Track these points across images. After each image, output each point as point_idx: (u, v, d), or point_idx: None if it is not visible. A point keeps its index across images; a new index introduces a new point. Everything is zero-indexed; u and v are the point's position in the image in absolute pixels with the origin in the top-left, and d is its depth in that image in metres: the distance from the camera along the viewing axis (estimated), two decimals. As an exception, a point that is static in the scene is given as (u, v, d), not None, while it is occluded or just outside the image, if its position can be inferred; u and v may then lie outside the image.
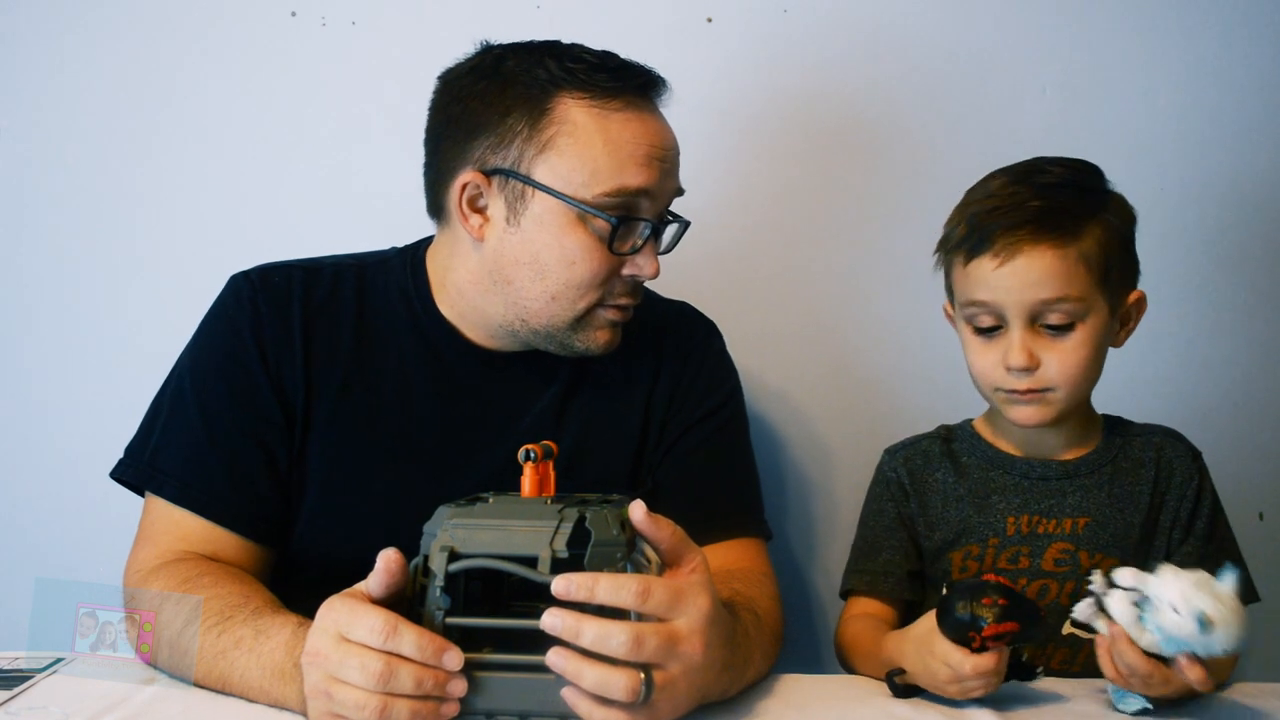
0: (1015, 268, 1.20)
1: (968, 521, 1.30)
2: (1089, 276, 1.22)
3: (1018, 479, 1.31)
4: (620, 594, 0.89)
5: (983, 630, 1.01)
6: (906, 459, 1.35)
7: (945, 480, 1.33)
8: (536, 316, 1.23)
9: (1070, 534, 1.28)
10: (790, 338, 1.72)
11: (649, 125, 1.22)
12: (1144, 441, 1.33)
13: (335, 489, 1.25)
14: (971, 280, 1.23)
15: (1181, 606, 0.99)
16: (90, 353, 1.69)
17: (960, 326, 1.28)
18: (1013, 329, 1.22)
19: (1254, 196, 1.72)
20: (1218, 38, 1.70)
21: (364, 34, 1.68)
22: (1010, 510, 1.30)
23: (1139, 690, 1.04)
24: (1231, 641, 0.99)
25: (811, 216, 1.71)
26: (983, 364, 1.25)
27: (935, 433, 1.38)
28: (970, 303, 1.24)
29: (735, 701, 1.06)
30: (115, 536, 1.26)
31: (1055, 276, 1.20)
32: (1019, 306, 1.21)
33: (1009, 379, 1.23)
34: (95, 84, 1.68)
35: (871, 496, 1.38)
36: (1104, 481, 1.30)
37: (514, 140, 1.19)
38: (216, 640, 1.04)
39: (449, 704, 0.90)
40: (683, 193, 1.27)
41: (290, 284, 1.28)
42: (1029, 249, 1.20)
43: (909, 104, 1.70)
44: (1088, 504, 1.29)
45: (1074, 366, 1.23)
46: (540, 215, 1.20)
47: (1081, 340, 1.23)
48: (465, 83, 1.24)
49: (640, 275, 1.24)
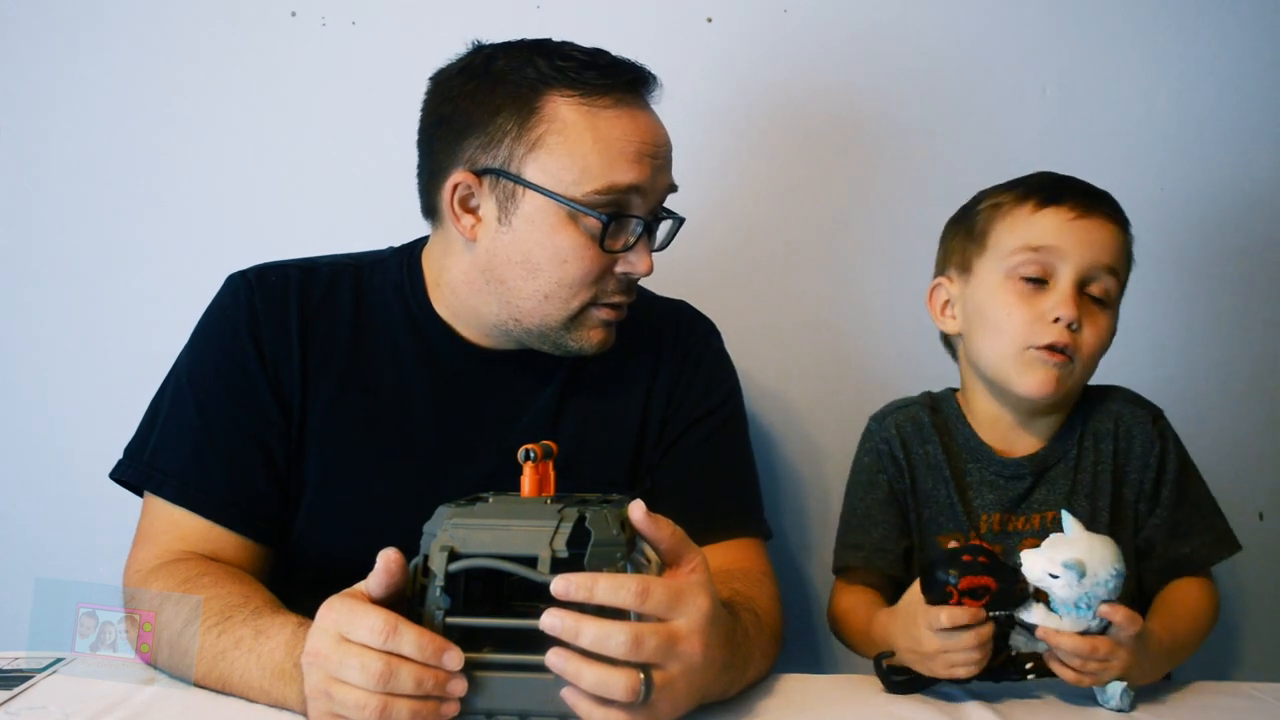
0: (1090, 224, 1.24)
1: (953, 506, 1.30)
2: (1126, 267, 1.28)
3: (992, 476, 1.31)
4: (619, 594, 0.89)
5: (959, 584, 1.03)
6: (898, 426, 1.34)
7: (935, 456, 1.32)
8: (530, 316, 1.23)
9: (1040, 529, 1.28)
10: (789, 337, 1.72)
11: (639, 122, 1.21)
12: (1103, 414, 1.32)
13: (332, 488, 1.25)
14: (1040, 226, 1.24)
15: (1056, 570, 1.02)
16: (90, 353, 1.69)
17: (989, 285, 1.27)
18: (1063, 283, 1.23)
19: (1254, 196, 1.72)
20: (1217, 38, 1.70)
21: (364, 34, 1.68)
22: (984, 508, 1.30)
23: (1110, 672, 1.04)
24: (1111, 565, 1.03)
25: (811, 216, 1.71)
26: (1020, 318, 1.24)
27: (921, 399, 1.37)
28: (1027, 248, 1.24)
29: (735, 701, 1.06)
30: (115, 537, 1.26)
31: (1115, 247, 1.25)
32: (1080, 262, 1.23)
33: (1049, 332, 1.23)
34: (95, 84, 1.68)
35: (861, 467, 1.37)
36: (1069, 470, 1.30)
37: (504, 139, 1.19)
38: (216, 640, 1.04)
39: (449, 704, 0.90)
40: (676, 189, 1.27)
41: (287, 284, 1.28)
42: (1100, 216, 1.25)
43: (909, 104, 1.70)
44: (1053, 497, 1.29)
45: (1101, 342, 1.26)
46: (531, 214, 1.20)
47: (1108, 324, 1.27)
48: (455, 83, 1.24)
49: (633, 273, 1.23)
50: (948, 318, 1.33)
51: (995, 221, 1.28)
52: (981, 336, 1.28)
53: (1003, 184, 1.32)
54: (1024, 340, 1.24)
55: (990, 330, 1.27)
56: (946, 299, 1.33)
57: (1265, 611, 1.72)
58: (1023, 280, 1.24)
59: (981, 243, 1.28)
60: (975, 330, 1.29)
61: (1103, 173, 1.68)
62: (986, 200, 1.31)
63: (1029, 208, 1.26)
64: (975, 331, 1.29)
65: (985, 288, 1.27)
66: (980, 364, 1.30)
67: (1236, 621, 1.71)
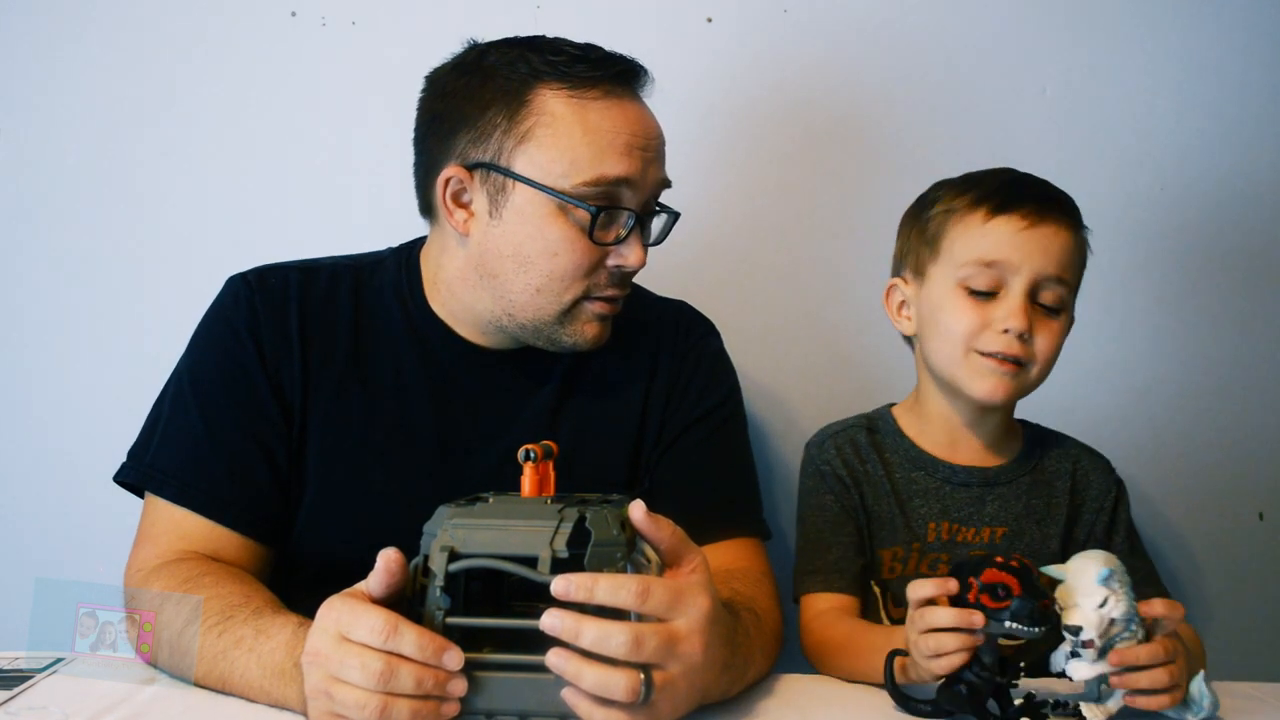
0: (1041, 233, 1.22)
1: (894, 520, 1.30)
2: (1077, 274, 1.26)
3: (939, 483, 1.31)
4: (619, 594, 0.89)
5: (980, 576, 0.96)
6: (838, 448, 1.34)
7: (875, 473, 1.32)
8: (523, 310, 1.23)
9: (989, 543, 1.28)
10: (788, 337, 1.72)
11: (629, 114, 1.21)
12: (1061, 453, 1.34)
13: (332, 488, 1.25)
14: (990, 238, 1.23)
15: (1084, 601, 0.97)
16: (90, 353, 1.69)
17: (940, 292, 1.26)
18: (1014, 294, 1.22)
19: (1254, 195, 1.72)
20: (1217, 38, 1.70)
21: (364, 34, 1.68)
22: (931, 516, 1.30)
23: (1182, 674, 0.99)
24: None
25: (811, 216, 1.71)
26: (968, 322, 1.24)
27: (857, 421, 1.38)
28: (978, 261, 1.23)
29: (735, 701, 1.06)
30: (115, 537, 1.26)
31: (1067, 255, 1.24)
32: (1031, 273, 1.22)
33: (997, 341, 1.23)
34: (95, 84, 1.68)
35: (806, 491, 1.36)
36: (1021, 492, 1.31)
37: (493, 133, 1.20)
38: (217, 640, 1.04)
39: (449, 704, 0.90)
40: (669, 184, 1.26)
41: (287, 285, 1.28)
42: (1053, 221, 1.23)
43: (909, 103, 1.70)
44: (1005, 514, 1.30)
45: (1053, 349, 1.25)
46: (521, 207, 1.20)
47: (1061, 328, 1.26)
48: (448, 80, 1.24)
49: (625, 265, 1.23)
50: (904, 318, 1.34)
51: (948, 228, 1.27)
52: (934, 340, 1.29)
53: (958, 180, 1.31)
54: (971, 345, 1.25)
55: (942, 335, 1.27)
56: (902, 299, 1.34)
57: (1265, 611, 1.72)
58: (973, 291, 1.24)
59: (934, 247, 1.28)
60: (928, 333, 1.30)
61: (1103, 173, 1.69)
62: (941, 201, 1.30)
63: (980, 216, 1.24)
64: (928, 334, 1.30)
65: (937, 293, 1.28)
66: (933, 366, 1.31)
67: (1236, 621, 1.71)
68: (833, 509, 1.32)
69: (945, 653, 0.98)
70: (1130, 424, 1.54)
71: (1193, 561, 1.72)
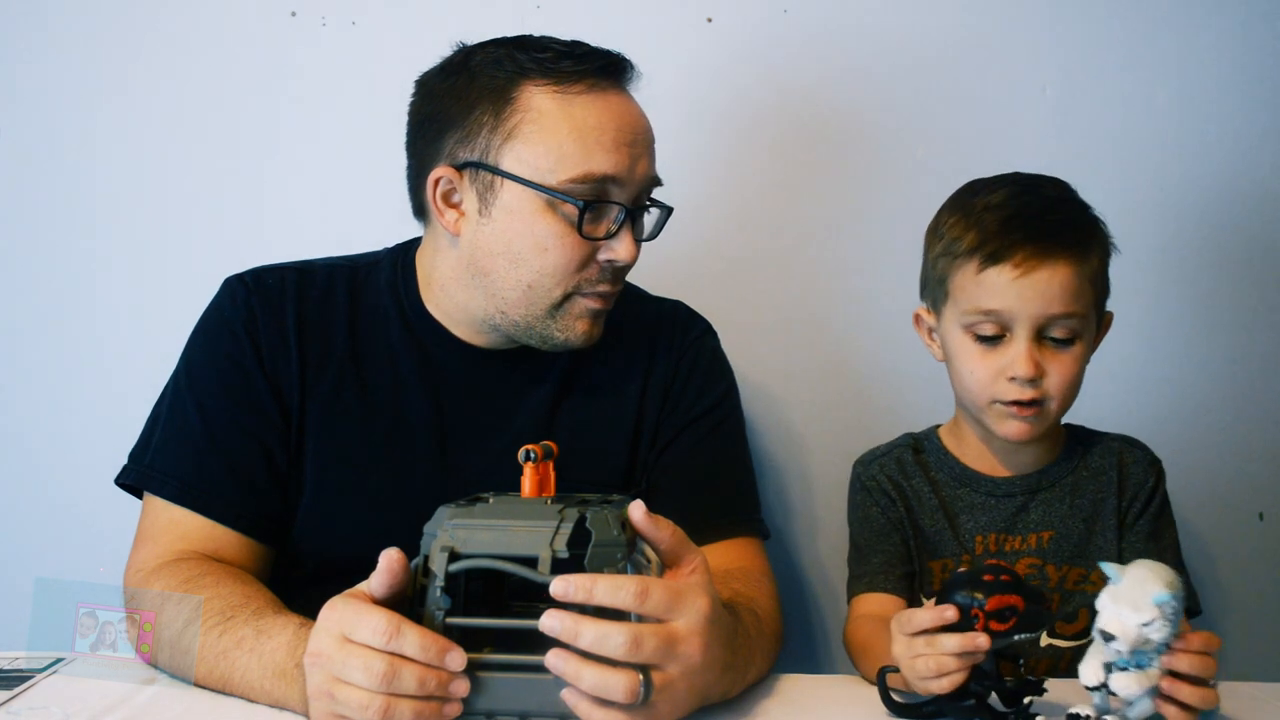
0: (1036, 279, 1.20)
1: (942, 534, 1.31)
2: (1092, 293, 1.24)
3: (983, 497, 1.31)
4: (619, 595, 0.89)
5: (986, 605, 0.95)
6: (883, 466, 1.35)
7: (921, 489, 1.33)
8: (515, 307, 1.23)
9: (1036, 549, 1.28)
10: (786, 337, 1.71)
11: (615, 108, 1.21)
12: (1104, 449, 1.33)
13: (330, 488, 1.25)
14: (986, 288, 1.22)
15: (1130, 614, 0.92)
16: (90, 354, 1.69)
17: (954, 335, 1.27)
18: (1019, 339, 1.21)
19: (1254, 196, 1.72)
20: (1218, 38, 1.70)
21: (364, 34, 1.68)
22: (977, 529, 1.30)
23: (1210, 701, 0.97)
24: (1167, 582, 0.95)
25: (811, 216, 1.71)
26: (982, 374, 1.24)
27: (903, 441, 1.38)
28: (978, 310, 1.23)
29: (735, 701, 1.06)
30: (115, 537, 1.26)
31: (1070, 291, 1.21)
32: (1032, 319, 1.21)
33: (1010, 389, 1.22)
34: (95, 84, 1.68)
35: (854, 505, 1.37)
36: (1065, 493, 1.30)
37: (480, 131, 1.20)
38: (218, 640, 1.04)
39: (451, 704, 0.90)
40: (660, 183, 1.27)
41: (284, 286, 1.29)
42: (1050, 262, 1.20)
43: (909, 103, 1.70)
44: (1050, 518, 1.30)
45: (1072, 380, 1.24)
46: (510, 204, 1.20)
47: (1080, 354, 1.24)
48: (436, 81, 1.25)
49: (616, 260, 1.22)
50: (934, 344, 1.34)
51: (951, 272, 1.26)
52: (957, 381, 1.29)
53: (963, 206, 1.27)
54: (990, 396, 1.24)
55: (961, 381, 1.28)
56: (930, 327, 1.33)
57: (1265, 611, 1.72)
58: (980, 339, 1.24)
59: (944, 288, 1.28)
60: (952, 370, 1.30)
61: (1103, 173, 1.69)
62: (945, 237, 1.26)
63: (974, 266, 1.22)
64: (952, 372, 1.30)
65: (952, 338, 1.27)
66: (961, 403, 1.32)
67: (1237, 621, 1.71)
68: (878, 520, 1.33)
69: (948, 673, 0.98)
70: (1130, 424, 1.53)
71: (1193, 562, 1.72)
